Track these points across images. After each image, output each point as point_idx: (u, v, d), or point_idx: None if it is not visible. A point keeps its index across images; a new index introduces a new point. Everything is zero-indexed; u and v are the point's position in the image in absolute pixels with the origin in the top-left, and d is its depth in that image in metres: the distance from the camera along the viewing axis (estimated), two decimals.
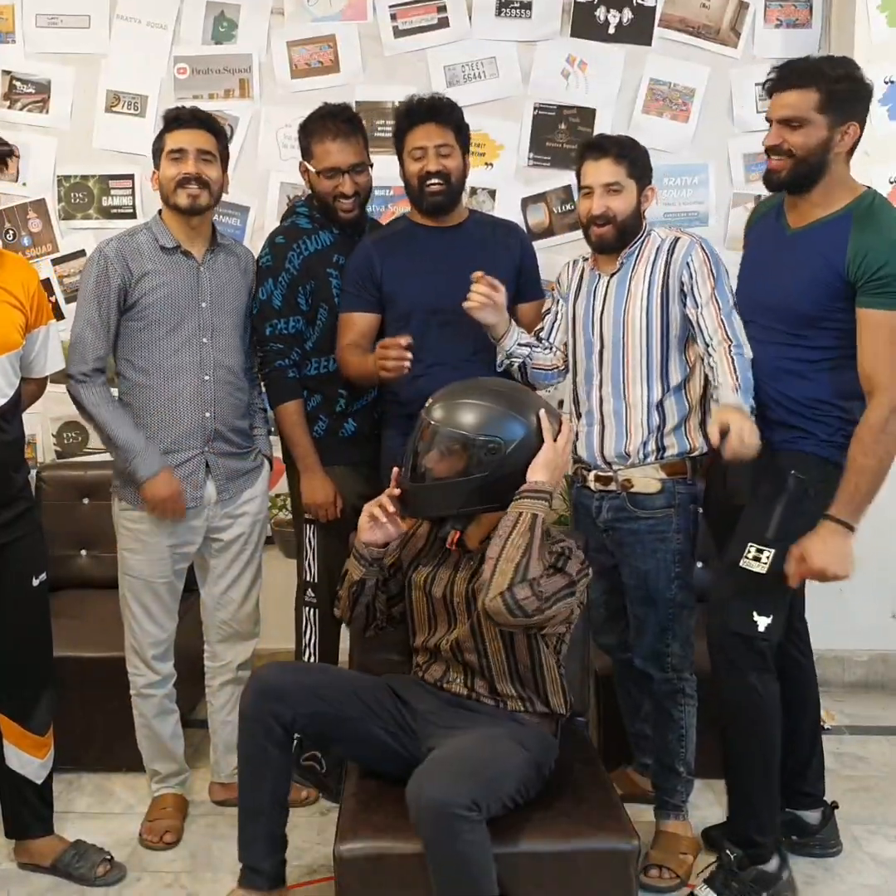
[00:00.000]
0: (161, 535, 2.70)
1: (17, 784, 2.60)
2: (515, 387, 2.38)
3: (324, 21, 3.61)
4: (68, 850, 2.65)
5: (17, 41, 3.60)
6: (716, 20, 3.61)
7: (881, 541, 3.59)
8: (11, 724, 2.56)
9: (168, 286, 2.64)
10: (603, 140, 2.55)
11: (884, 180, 3.50)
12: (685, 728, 2.63)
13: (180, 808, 2.88)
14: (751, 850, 2.46)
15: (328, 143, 2.80)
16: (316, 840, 2.78)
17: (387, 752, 2.27)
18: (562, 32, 3.60)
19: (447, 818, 1.93)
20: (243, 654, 2.90)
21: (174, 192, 2.64)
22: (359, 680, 2.38)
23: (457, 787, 1.96)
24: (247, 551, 2.84)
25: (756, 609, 2.40)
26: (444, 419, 2.22)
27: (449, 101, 2.78)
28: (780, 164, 2.37)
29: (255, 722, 2.21)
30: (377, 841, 2.11)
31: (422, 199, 2.76)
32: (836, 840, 2.71)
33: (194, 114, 2.68)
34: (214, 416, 2.71)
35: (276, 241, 2.86)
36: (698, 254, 2.52)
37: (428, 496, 2.25)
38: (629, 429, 2.56)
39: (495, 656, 2.26)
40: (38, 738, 2.59)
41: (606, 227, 2.51)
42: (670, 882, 2.57)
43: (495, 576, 2.09)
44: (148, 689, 2.79)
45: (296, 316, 2.83)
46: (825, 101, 2.31)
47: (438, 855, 1.96)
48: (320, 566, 2.93)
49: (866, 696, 3.64)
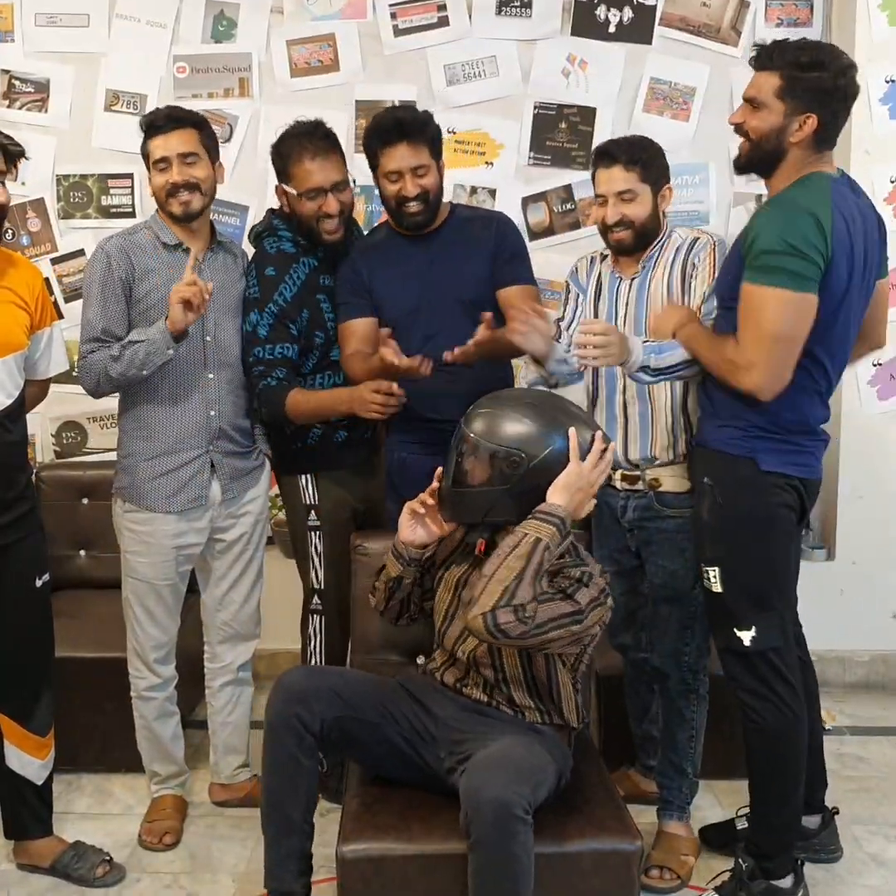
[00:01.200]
0: (166, 536, 2.69)
1: (17, 785, 2.59)
2: (554, 401, 2.28)
3: (323, 20, 3.61)
4: (67, 851, 2.64)
5: (17, 40, 3.60)
6: (716, 19, 3.60)
7: (881, 541, 3.60)
8: (12, 724, 2.55)
9: (171, 283, 2.60)
10: (613, 147, 2.50)
11: (884, 179, 3.50)
12: (696, 729, 2.64)
13: (180, 810, 2.87)
14: (764, 863, 2.41)
15: (307, 163, 2.68)
16: (316, 841, 2.74)
17: (399, 757, 2.24)
18: (562, 31, 3.61)
19: (507, 819, 1.91)
20: (244, 655, 2.90)
21: (166, 201, 2.62)
22: (376, 683, 2.34)
23: (517, 789, 1.94)
24: (248, 551, 2.83)
25: (734, 626, 2.35)
26: (474, 427, 2.21)
27: (420, 116, 2.67)
28: (743, 146, 2.34)
29: (285, 730, 2.15)
30: (380, 842, 2.11)
31: (401, 219, 2.71)
32: (837, 845, 2.69)
33: (169, 115, 2.62)
34: (219, 415, 2.70)
35: (265, 273, 2.75)
36: (708, 249, 2.52)
37: (457, 501, 2.24)
38: (655, 432, 2.55)
39: (512, 670, 2.23)
40: (39, 739, 2.58)
41: (625, 231, 2.50)
42: (671, 883, 2.56)
43: (482, 595, 2.05)
44: (149, 692, 2.78)
45: (283, 343, 2.74)
46: (785, 88, 2.22)
47: (489, 855, 1.93)
48: (327, 573, 2.90)
49: (867, 696, 3.64)
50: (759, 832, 2.45)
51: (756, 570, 2.35)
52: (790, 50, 2.23)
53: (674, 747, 2.65)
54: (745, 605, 2.34)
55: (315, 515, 2.88)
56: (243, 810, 2.90)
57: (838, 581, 3.59)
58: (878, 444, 3.59)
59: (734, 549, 2.33)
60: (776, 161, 2.28)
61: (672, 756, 2.66)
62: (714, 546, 2.35)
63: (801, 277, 2.16)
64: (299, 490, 2.87)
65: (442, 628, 2.34)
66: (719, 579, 2.34)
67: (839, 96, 2.23)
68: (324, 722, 2.16)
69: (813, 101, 2.21)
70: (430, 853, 2.06)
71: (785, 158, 2.27)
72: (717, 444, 2.35)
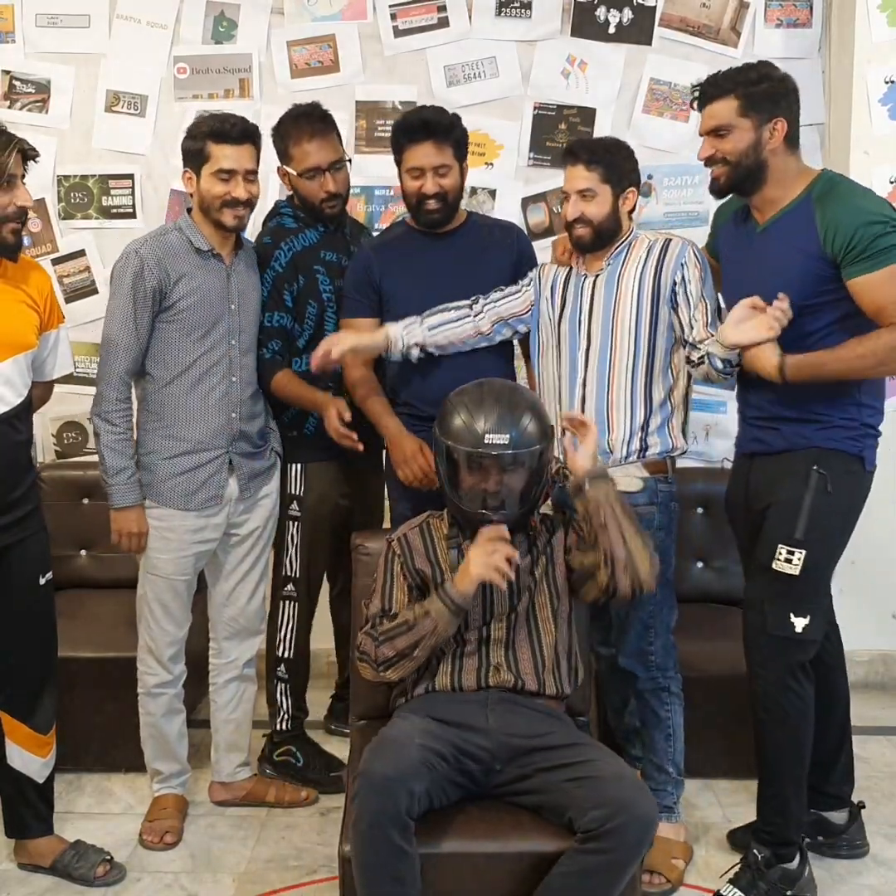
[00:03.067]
0: (186, 531, 2.71)
1: (19, 783, 2.60)
2: (508, 386, 2.44)
3: (324, 21, 3.61)
4: (68, 850, 2.64)
5: (17, 41, 3.61)
6: (716, 20, 3.61)
7: (881, 541, 3.60)
8: (14, 721, 2.56)
9: (203, 289, 2.65)
10: (578, 146, 2.57)
11: (884, 180, 3.50)
12: (672, 727, 2.64)
13: (180, 809, 2.87)
14: (781, 850, 2.47)
15: (305, 144, 2.82)
16: (316, 840, 2.78)
17: (454, 786, 2.17)
18: (562, 32, 3.61)
19: (648, 836, 2.05)
20: (249, 651, 2.91)
21: (220, 210, 2.62)
22: (422, 734, 2.17)
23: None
24: (259, 546, 2.86)
25: (793, 611, 2.41)
26: (510, 443, 2.25)
27: (449, 117, 2.72)
28: (719, 172, 2.44)
29: (389, 824, 1.99)
30: None
31: (419, 215, 2.77)
32: (864, 840, 2.72)
33: (245, 129, 2.62)
34: (240, 417, 2.74)
35: (263, 241, 2.89)
36: (691, 255, 2.56)
37: (525, 517, 2.34)
38: (611, 425, 2.57)
39: (521, 644, 2.31)
40: (40, 737, 2.58)
41: (584, 229, 2.56)
42: (661, 888, 2.55)
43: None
44: (158, 689, 2.79)
45: (280, 312, 2.85)
46: (745, 105, 2.36)
47: (615, 861, 2.01)
48: (302, 562, 2.98)
49: (866, 696, 3.63)
50: (774, 821, 2.49)
51: (833, 560, 2.49)
52: (734, 74, 2.42)
53: (653, 748, 2.65)
54: (813, 592, 2.44)
55: (297, 506, 2.96)
56: (243, 810, 2.91)
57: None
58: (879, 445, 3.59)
59: (827, 537, 2.43)
60: (760, 175, 2.40)
61: (652, 757, 2.66)
62: (810, 531, 2.39)
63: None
64: (287, 478, 2.94)
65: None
66: (802, 562, 2.39)
67: (792, 97, 2.40)
68: (420, 799, 2.05)
69: (774, 106, 2.37)
70: (430, 853, 2.06)
71: (768, 168, 2.39)
72: (829, 443, 2.42)
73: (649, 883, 2.52)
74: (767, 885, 2.45)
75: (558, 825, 2.08)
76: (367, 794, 2.01)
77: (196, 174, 2.64)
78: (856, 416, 2.42)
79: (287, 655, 3.02)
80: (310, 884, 2.59)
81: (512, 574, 2.23)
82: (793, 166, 2.41)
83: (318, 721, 3.31)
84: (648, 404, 2.57)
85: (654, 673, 2.62)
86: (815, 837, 2.69)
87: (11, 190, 2.32)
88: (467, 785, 2.17)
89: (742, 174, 2.41)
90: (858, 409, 2.42)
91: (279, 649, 3.02)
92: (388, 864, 2.00)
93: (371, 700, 2.43)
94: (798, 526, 2.40)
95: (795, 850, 2.49)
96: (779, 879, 2.46)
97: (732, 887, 2.48)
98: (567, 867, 2.02)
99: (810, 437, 2.43)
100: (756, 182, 2.41)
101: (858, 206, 2.32)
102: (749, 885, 2.47)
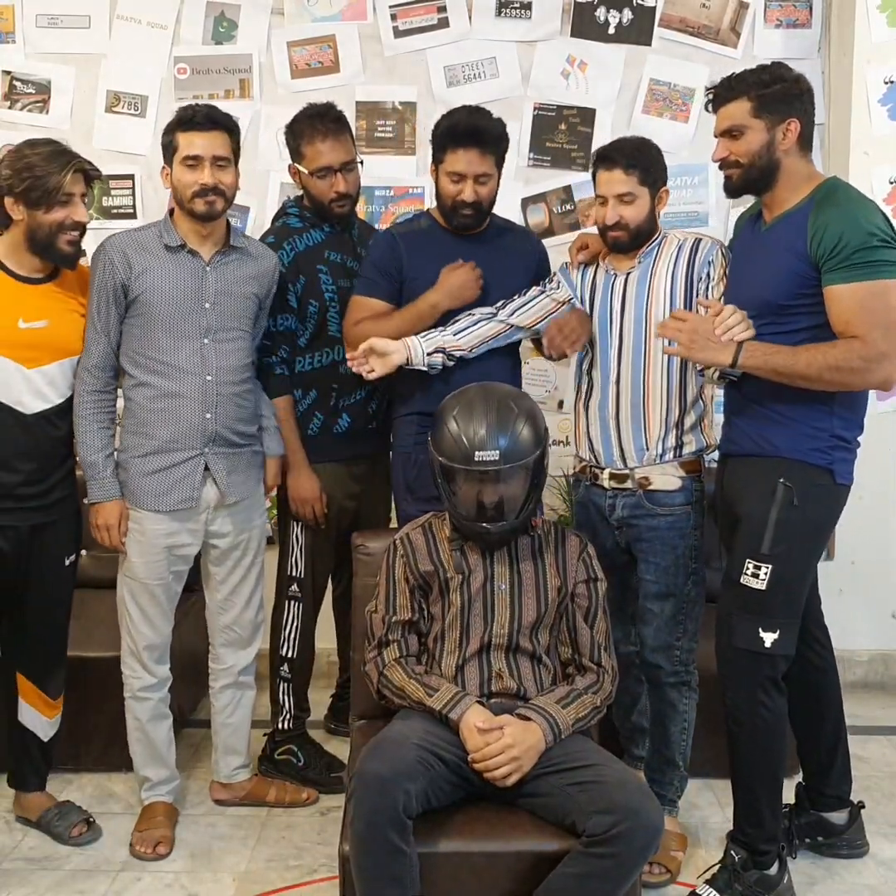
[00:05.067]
0: (157, 535, 2.69)
1: (25, 739, 2.79)
2: (501, 390, 2.42)
3: (324, 21, 3.62)
4: (52, 808, 2.80)
5: (18, 41, 3.62)
6: (716, 20, 3.61)
7: (881, 541, 3.61)
8: (29, 684, 2.76)
9: (169, 284, 2.62)
10: (614, 150, 2.56)
11: (884, 180, 3.51)
12: (688, 721, 2.66)
13: (171, 817, 2.83)
14: (758, 857, 2.46)
15: (318, 144, 2.84)
16: (316, 840, 2.78)
17: (457, 787, 2.17)
18: (562, 32, 3.62)
19: (653, 844, 2.05)
20: (245, 659, 2.88)
21: (191, 199, 2.60)
22: (421, 735, 2.16)
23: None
24: (247, 557, 2.82)
25: (761, 626, 2.38)
26: (504, 454, 2.26)
27: (498, 127, 2.71)
28: (732, 173, 2.45)
29: (386, 824, 1.98)
30: None
31: (453, 218, 2.75)
32: (864, 840, 2.72)
33: (210, 115, 2.61)
34: (216, 419, 2.68)
35: (266, 241, 2.89)
36: (719, 255, 2.58)
37: (515, 527, 2.34)
38: (647, 423, 2.57)
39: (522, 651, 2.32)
40: (50, 701, 2.79)
41: (621, 232, 2.56)
42: (661, 877, 2.58)
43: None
44: (143, 693, 2.77)
45: (284, 314, 2.86)
46: (758, 106, 2.37)
47: (619, 866, 2.00)
48: (307, 562, 2.98)
49: (866, 696, 3.64)
50: (748, 830, 2.48)
51: (802, 575, 2.42)
52: (747, 75, 2.40)
53: (666, 741, 2.67)
54: (780, 607, 2.39)
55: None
56: (243, 809, 2.92)
57: (837, 581, 3.59)
58: (877, 445, 3.58)
59: (794, 552, 2.38)
60: (772, 175, 2.40)
61: (664, 750, 2.68)
62: (775, 544, 2.37)
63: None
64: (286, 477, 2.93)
65: (458, 638, 2.34)
66: (769, 577, 2.36)
67: (806, 98, 2.40)
68: (417, 798, 2.03)
69: (788, 107, 2.37)
70: (429, 852, 2.06)
71: (780, 169, 2.40)
72: (795, 454, 2.38)
73: (649, 873, 2.54)
74: (744, 888, 2.44)
75: (549, 825, 2.09)
76: (362, 794, 2.01)
77: (171, 167, 2.64)
78: (826, 427, 2.37)
79: (291, 655, 3.02)
80: (310, 883, 2.60)
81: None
82: (804, 169, 2.41)
83: (319, 721, 3.31)
84: (683, 401, 2.58)
85: (678, 667, 2.64)
86: (815, 837, 2.70)
87: (68, 206, 2.53)
88: (467, 786, 2.17)
89: (755, 174, 2.41)
90: (830, 419, 2.37)
91: (283, 649, 3.02)
92: (385, 863, 1.98)
93: (371, 700, 2.43)
94: (764, 540, 2.37)
95: (774, 858, 2.47)
96: (755, 882, 2.45)
97: (709, 887, 2.48)
98: (569, 869, 2.02)
99: (777, 445, 2.40)
100: (768, 182, 2.41)
101: (850, 213, 2.30)
102: (725, 886, 2.46)
